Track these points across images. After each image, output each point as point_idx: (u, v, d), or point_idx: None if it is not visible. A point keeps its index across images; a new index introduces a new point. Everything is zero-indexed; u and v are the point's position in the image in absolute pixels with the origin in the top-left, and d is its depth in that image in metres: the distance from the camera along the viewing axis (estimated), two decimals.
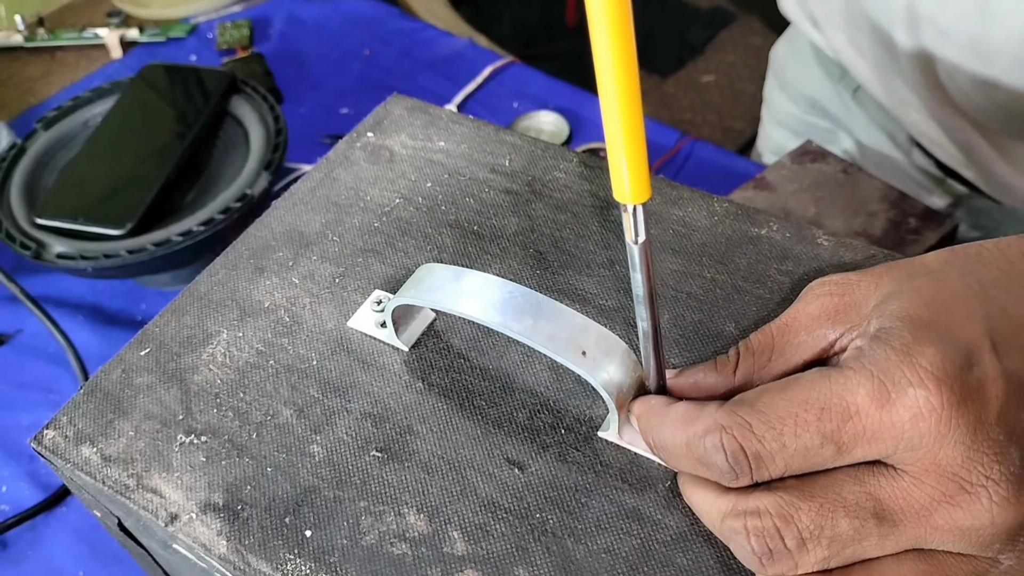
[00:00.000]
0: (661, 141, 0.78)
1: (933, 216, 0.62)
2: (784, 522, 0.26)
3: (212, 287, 0.39)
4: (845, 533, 0.26)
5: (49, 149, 0.69)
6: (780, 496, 0.27)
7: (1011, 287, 0.28)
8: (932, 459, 0.25)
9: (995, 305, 0.28)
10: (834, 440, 0.26)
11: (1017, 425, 0.25)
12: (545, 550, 0.30)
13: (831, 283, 0.30)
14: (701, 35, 2.03)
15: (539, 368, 0.35)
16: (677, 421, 0.29)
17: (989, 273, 0.29)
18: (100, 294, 0.68)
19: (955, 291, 0.28)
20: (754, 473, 0.27)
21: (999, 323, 0.27)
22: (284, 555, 0.31)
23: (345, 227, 0.41)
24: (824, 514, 0.26)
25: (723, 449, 0.27)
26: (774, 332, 0.31)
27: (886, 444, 0.26)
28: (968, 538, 0.25)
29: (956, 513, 0.25)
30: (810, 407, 0.26)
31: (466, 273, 0.32)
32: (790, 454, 0.26)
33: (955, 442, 0.25)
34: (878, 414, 0.26)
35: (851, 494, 0.26)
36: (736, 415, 0.27)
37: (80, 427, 0.35)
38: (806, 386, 0.27)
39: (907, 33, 0.55)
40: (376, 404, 0.35)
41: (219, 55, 0.88)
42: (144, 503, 0.33)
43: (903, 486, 0.26)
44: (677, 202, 0.41)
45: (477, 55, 0.87)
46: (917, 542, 0.26)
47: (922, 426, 0.25)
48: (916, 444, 0.25)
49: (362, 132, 0.46)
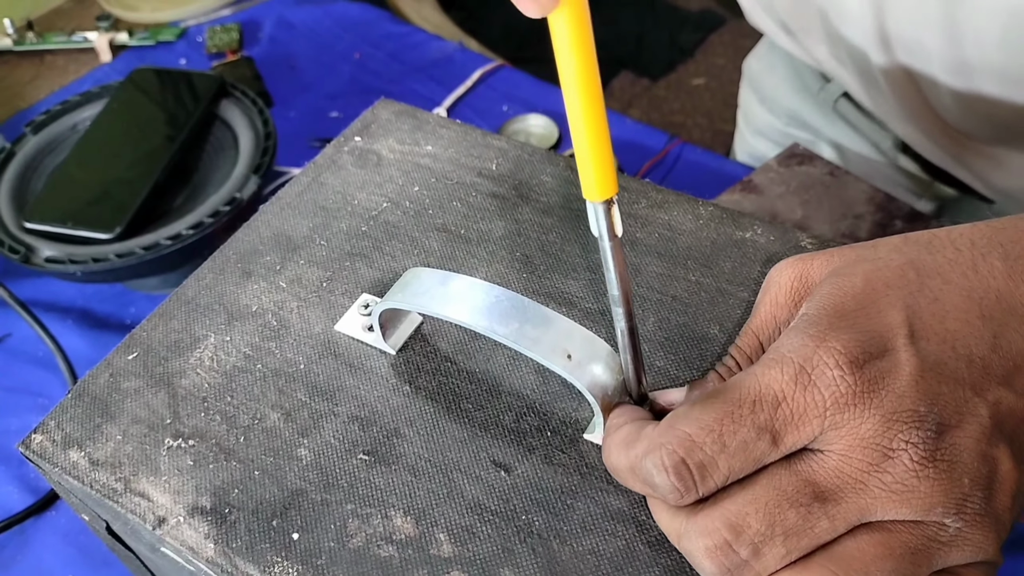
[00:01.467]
0: (650, 144, 0.78)
1: (919, 218, 0.62)
2: (734, 533, 0.26)
3: (200, 291, 0.40)
4: (795, 524, 0.26)
5: (38, 153, 0.69)
6: (724, 507, 0.27)
7: (950, 276, 0.29)
8: (855, 435, 0.27)
9: (926, 294, 0.29)
10: (768, 429, 0.27)
11: (938, 398, 0.27)
12: (531, 551, 0.30)
13: (790, 266, 0.32)
14: (691, 38, 2.03)
15: (525, 371, 0.36)
16: (620, 445, 0.29)
17: (933, 261, 0.30)
18: (89, 298, 0.68)
19: (887, 280, 0.29)
20: (699, 486, 0.27)
21: (924, 311, 0.28)
22: (271, 558, 0.31)
23: (332, 231, 0.42)
24: (770, 511, 0.27)
25: (664, 468, 0.27)
26: (756, 331, 0.32)
27: (812, 426, 0.27)
28: (907, 503, 0.26)
29: (886, 478, 0.26)
30: (743, 403, 0.27)
31: (453, 277, 0.32)
32: (731, 453, 0.27)
33: (872, 415, 0.27)
34: (802, 396, 0.27)
35: (789, 485, 0.27)
36: (673, 429, 0.28)
37: (68, 431, 0.35)
38: (734, 386, 0.28)
39: (881, 53, 0.54)
40: (363, 407, 0.35)
41: (208, 59, 0.88)
42: (132, 507, 0.33)
43: (833, 463, 0.27)
44: (663, 206, 0.41)
45: (467, 59, 0.87)
46: (863, 515, 0.27)
47: (841, 403, 0.27)
48: (838, 423, 0.27)
49: (350, 136, 0.46)
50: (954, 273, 0.29)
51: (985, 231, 0.31)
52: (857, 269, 0.30)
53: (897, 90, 0.56)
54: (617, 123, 0.80)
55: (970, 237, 0.30)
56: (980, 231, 0.31)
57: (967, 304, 0.29)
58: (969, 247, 0.30)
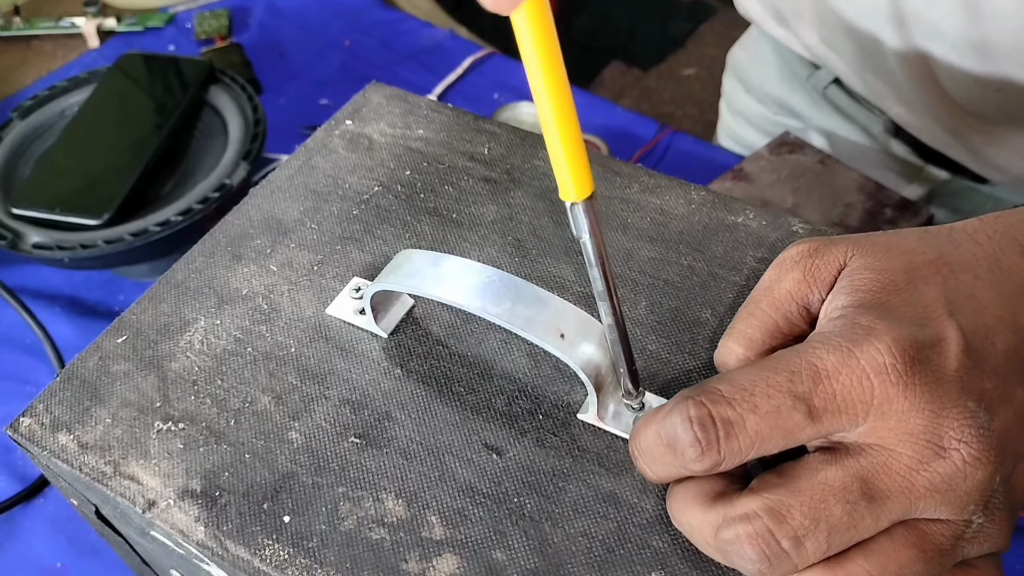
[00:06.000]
0: (641, 133, 0.78)
1: (909, 206, 0.62)
2: (777, 521, 0.26)
3: (189, 275, 0.39)
4: (840, 520, 0.26)
5: (25, 139, 0.68)
6: (766, 496, 0.26)
7: (979, 271, 0.29)
8: (903, 428, 0.26)
9: (962, 289, 0.28)
10: (806, 401, 0.26)
11: (984, 394, 0.27)
12: (523, 534, 0.30)
13: (812, 247, 0.31)
14: (682, 28, 2.03)
15: (517, 355, 0.35)
16: (651, 417, 0.29)
17: (959, 255, 0.30)
18: (77, 285, 0.68)
19: (926, 275, 0.29)
20: (722, 443, 0.26)
21: (964, 306, 0.28)
22: (262, 540, 0.31)
23: (323, 215, 0.41)
24: (815, 505, 0.26)
25: (688, 418, 0.26)
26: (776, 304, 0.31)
27: (857, 412, 0.26)
28: (948, 502, 0.26)
29: (935, 478, 0.26)
30: (780, 371, 0.27)
31: (445, 258, 0.32)
32: (761, 416, 0.26)
33: (923, 409, 0.26)
34: (849, 379, 0.26)
35: (836, 479, 0.26)
36: (704, 385, 0.27)
37: (57, 415, 0.35)
38: (776, 356, 0.28)
39: (895, 32, 0.54)
40: (355, 391, 0.35)
41: (197, 45, 0.88)
42: (121, 490, 0.33)
43: (883, 460, 0.26)
44: (655, 190, 0.41)
45: (457, 46, 0.87)
46: (904, 514, 0.26)
47: (891, 393, 0.26)
48: (886, 413, 0.26)
49: (341, 120, 0.46)
50: (980, 268, 0.29)
51: (996, 225, 0.31)
52: (895, 262, 0.29)
53: (905, 70, 0.56)
54: (607, 112, 0.80)
55: (985, 232, 0.30)
56: (992, 225, 0.31)
57: (999, 300, 0.29)
58: (987, 241, 0.30)
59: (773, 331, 0.31)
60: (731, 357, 0.31)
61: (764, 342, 0.30)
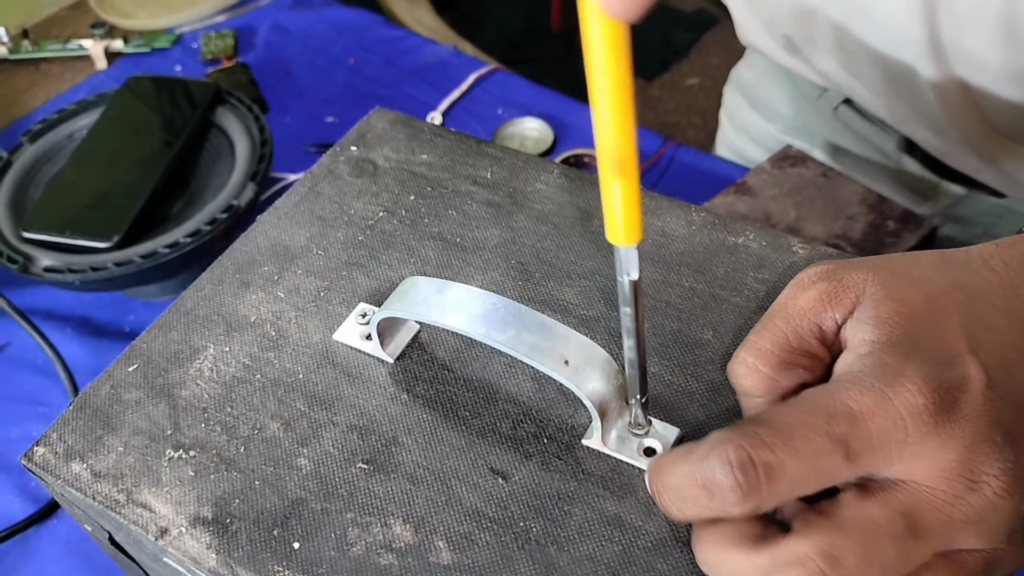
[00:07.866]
0: (644, 146, 0.78)
1: (912, 218, 0.63)
2: (831, 564, 0.26)
3: (198, 302, 0.40)
4: (891, 558, 0.26)
5: (35, 162, 0.69)
6: (815, 539, 0.26)
7: (995, 300, 0.30)
8: (936, 464, 0.27)
9: (980, 321, 0.29)
10: (844, 443, 0.26)
11: (1009, 426, 0.27)
12: (529, 558, 0.31)
13: (826, 271, 0.31)
14: (685, 38, 2.04)
15: (522, 378, 0.36)
16: (679, 454, 0.28)
17: (974, 283, 0.30)
18: (88, 306, 0.68)
19: (946, 305, 0.29)
20: (764, 487, 0.26)
21: (983, 339, 0.29)
22: (273, 567, 0.31)
23: (329, 241, 0.42)
24: (867, 543, 0.26)
25: (729, 462, 0.26)
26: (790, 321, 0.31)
27: (891, 451, 0.27)
28: (981, 532, 0.27)
29: (969, 511, 0.26)
30: (817, 413, 0.27)
31: (450, 286, 0.33)
32: (801, 460, 0.26)
33: (955, 445, 0.27)
34: (883, 420, 0.27)
35: (881, 516, 0.26)
36: (741, 427, 0.27)
37: (70, 443, 0.36)
38: (809, 397, 0.28)
39: (931, 61, 0.53)
40: (362, 416, 0.35)
41: (204, 65, 0.89)
42: (134, 518, 0.33)
43: (923, 496, 0.27)
44: (656, 212, 0.42)
45: (462, 62, 0.88)
46: (943, 546, 0.27)
47: (923, 431, 0.26)
48: (920, 453, 0.27)
49: (346, 146, 0.46)
50: (996, 296, 0.30)
51: (1013, 251, 0.31)
52: (914, 293, 0.30)
53: (940, 99, 0.55)
54: None
55: (1001, 257, 0.31)
56: (1008, 251, 0.31)
57: (1015, 330, 0.29)
58: (1003, 268, 0.30)
59: (784, 345, 0.31)
60: (742, 367, 0.31)
61: (775, 354, 0.31)
